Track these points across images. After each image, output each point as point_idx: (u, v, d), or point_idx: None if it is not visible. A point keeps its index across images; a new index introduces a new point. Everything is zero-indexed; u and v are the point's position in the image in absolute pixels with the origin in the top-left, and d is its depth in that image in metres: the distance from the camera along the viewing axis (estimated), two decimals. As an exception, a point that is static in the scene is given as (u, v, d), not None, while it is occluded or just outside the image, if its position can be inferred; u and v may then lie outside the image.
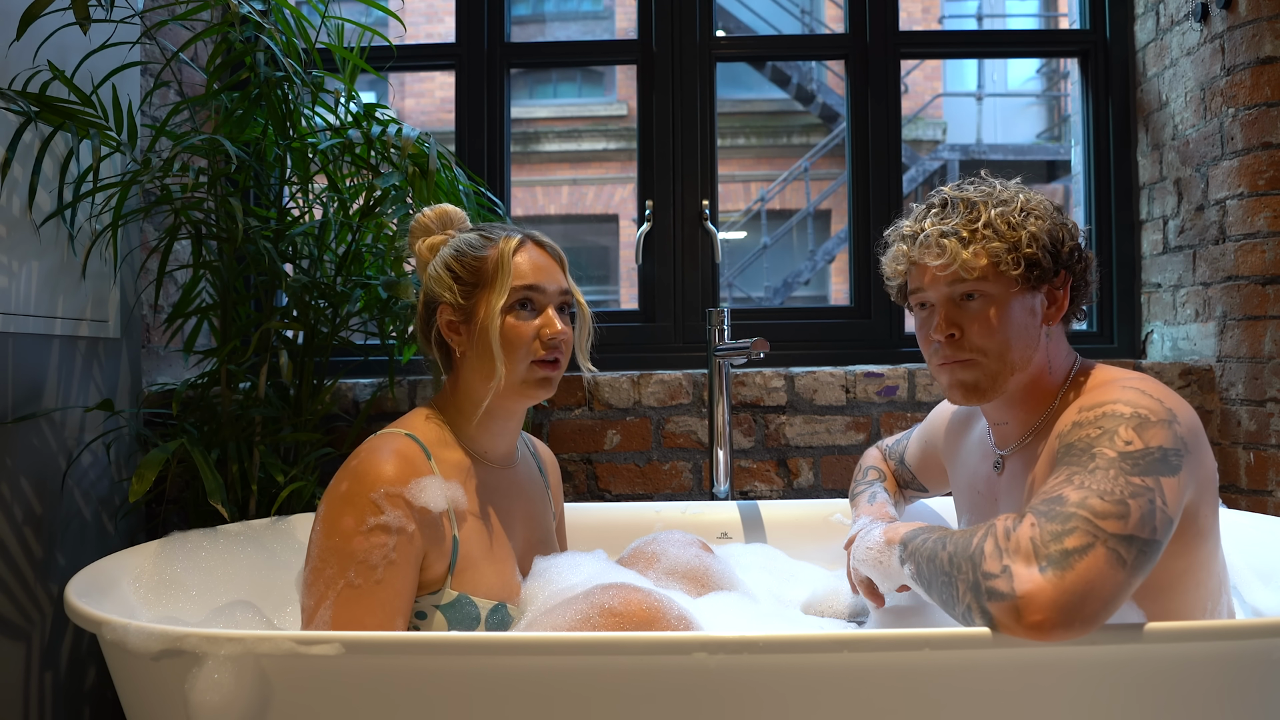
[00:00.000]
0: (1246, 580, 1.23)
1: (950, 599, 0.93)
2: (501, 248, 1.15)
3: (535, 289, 1.14)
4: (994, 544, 0.89)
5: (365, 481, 1.04)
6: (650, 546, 1.34)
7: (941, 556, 0.95)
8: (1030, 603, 0.83)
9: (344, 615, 0.99)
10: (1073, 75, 2.30)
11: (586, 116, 9.41)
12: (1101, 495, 0.89)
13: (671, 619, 0.99)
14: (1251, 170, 1.82)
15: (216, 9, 1.65)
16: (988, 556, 0.89)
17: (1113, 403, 0.99)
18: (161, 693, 0.94)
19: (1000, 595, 0.85)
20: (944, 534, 0.99)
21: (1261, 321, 1.81)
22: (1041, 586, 0.83)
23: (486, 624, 1.08)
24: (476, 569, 1.10)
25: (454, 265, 1.15)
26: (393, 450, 1.08)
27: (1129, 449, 0.93)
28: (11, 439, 1.44)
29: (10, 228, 1.44)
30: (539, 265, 1.16)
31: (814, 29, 9.44)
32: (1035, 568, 0.85)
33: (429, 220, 1.23)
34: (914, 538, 1.04)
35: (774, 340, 2.01)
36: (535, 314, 1.15)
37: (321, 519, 1.05)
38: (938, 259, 1.08)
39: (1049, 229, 1.09)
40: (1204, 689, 0.90)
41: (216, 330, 1.66)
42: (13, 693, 1.44)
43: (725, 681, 0.87)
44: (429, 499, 1.06)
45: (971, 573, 0.89)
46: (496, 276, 1.13)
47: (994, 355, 1.08)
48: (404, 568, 1.03)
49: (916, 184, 8.34)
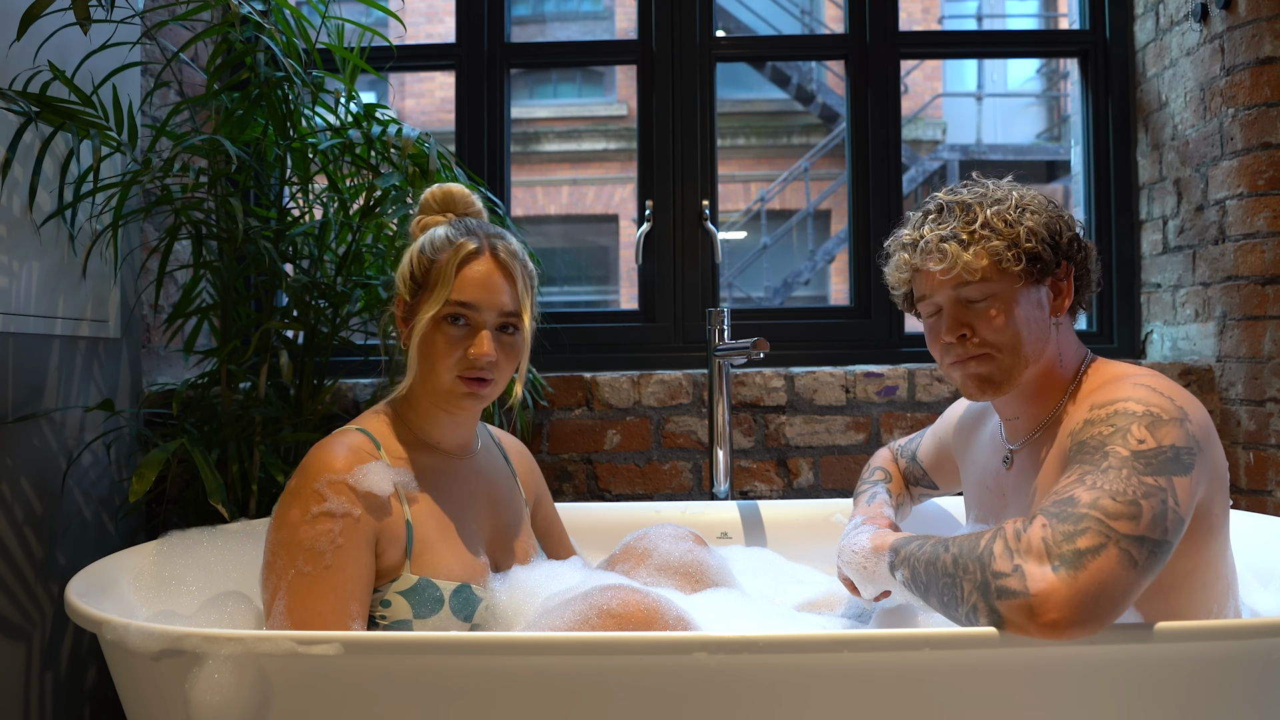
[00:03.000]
0: (1245, 581, 1.23)
1: (953, 601, 0.92)
2: (452, 255, 1.11)
3: (469, 306, 1.11)
4: (1004, 545, 0.89)
5: (310, 474, 1.06)
6: (641, 542, 1.33)
7: (944, 559, 0.95)
8: (1043, 601, 0.83)
9: (297, 604, 1.00)
10: (1072, 75, 2.30)
11: (586, 116, 9.41)
12: (1114, 495, 0.89)
13: (670, 620, 0.99)
14: (1251, 170, 1.82)
15: (216, 9, 1.65)
16: (997, 557, 0.89)
17: (1125, 400, 0.99)
18: (162, 692, 0.94)
19: (1012, 593, 0.85)
20: (941, 539, 0.99)
21: (1261, 321, 1.81)
22: (1055, 585, 0.83)
23: (450, 605, 1.08)
24: (435, 552, 1.10)
25: (413, 260, 1.15)
26: (340, 444, 1.09)
27: (1141, 447, 0.93)
28: (12, 439, 1.44)
29: (10, 228, 1.44)
30: (483, 282, 1.12)
31: (814, 29, 9.44)
32: (1048, 566, 0.85)
33: (432, 199, 1.21)
34: (906, 544, 1.04)
35: (774, 340, 2.01)
36: (469, 330, 1.12)
37: (273, 516, 1.07)
38: (940, 263, 1.09)
39: (1046, 222, 1.10)
40: (1204, 688, 0.90)
41: (216, 330, 1.66)
42: (13, 693, 1.45)
43: (725, 681, 0.87)
44: (373, 483, 1.07)
45: (980, 573, 0.89)
46: (438, 284, 1.11)
47: (1008, 349, 1.09)
48: (353, 551, 1.03)
49: (916, 184, 8.34)
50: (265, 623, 1.03)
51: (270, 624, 1.02)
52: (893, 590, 1.09)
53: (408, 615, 1.06)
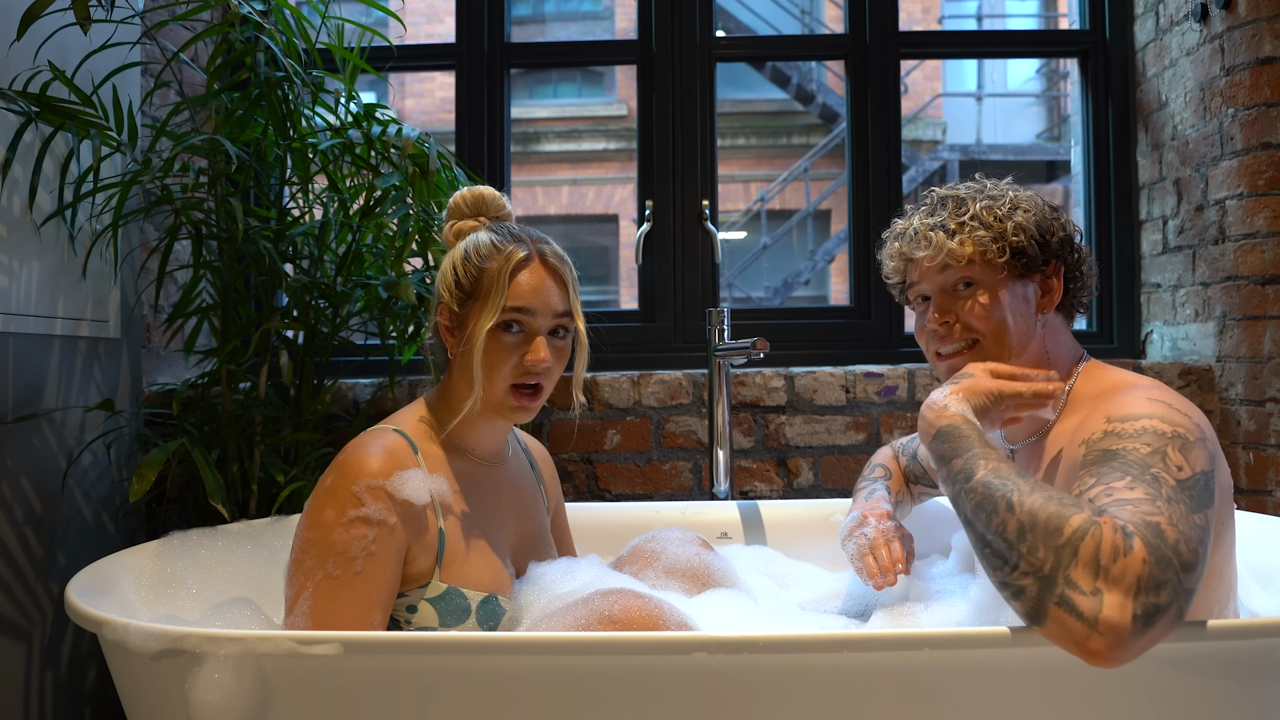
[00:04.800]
0: (1244, 581, 1.23)
1: (1000, 563, 0.87)
2: (502, 262, 1.11)
3: (526, 311, 1.11)
4: (1094, 553, 0.81)
5: (348, 475, 1.05)
6: (649, 545, 1.34)
7: (1006, 520, 0.87)
8: (1105, 638, 0.79)
9: (322, 607, 1.00)
10: (1072, 75, 2.30)
11: (586, 116, 9.41)
12: (1185, 541, 0.84)
13: (672, 625, 0.99)
14: (1251, 170, 1.82)
15: (217, 9, 1.65)
16: (1081, 563, 0.82)
17: (1148, 417, 0.96)
18: (162, 692, 0.94)
19: (1077, 612, 0.81)
20: (1004, 477, 0.91)
21: (1261, 321, 1.82)
22: (1124, 629, 0.79)
23: (477, 615, 1.08)
24: (465, 561, 1.10)
25: (458, 268, 1.13)
26: (379, 445, 1.08)
27: (1181, 475, 0.90)
28: (12, 439, 1.45)
29: (10, 228, 1.44)
30: (537, 287, 1.12)
31: (814, 29, 9.44)
32: (1129, 609, 0.80)
33: (462, 202, 1.20)
34: (971, 454, 0.95)
35: (774, 340, 2.01)
36: (524, 336, 1.12)
37: (305, 512, 1.06)
38: (925, 250, 1.13)
39: (1036, 220, 1.12)
40: (1205, 688, 0.90)
41: (217, 330, 1.66)
42: (13, 693, 1.45)
43: (725, 681, 0.87)
44: (411, 492, 1.06)
45: (1050, 566, 0.83)
46: (491, 293, 1.10)
47: (991, 337, 1.12)
48: (384, 560, 1.03)
49: (916, 184, 8.34)
50: (285, 619, 1.03)
51: (290, 621, 1.01)
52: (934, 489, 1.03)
53: (434, 623, 1.06)
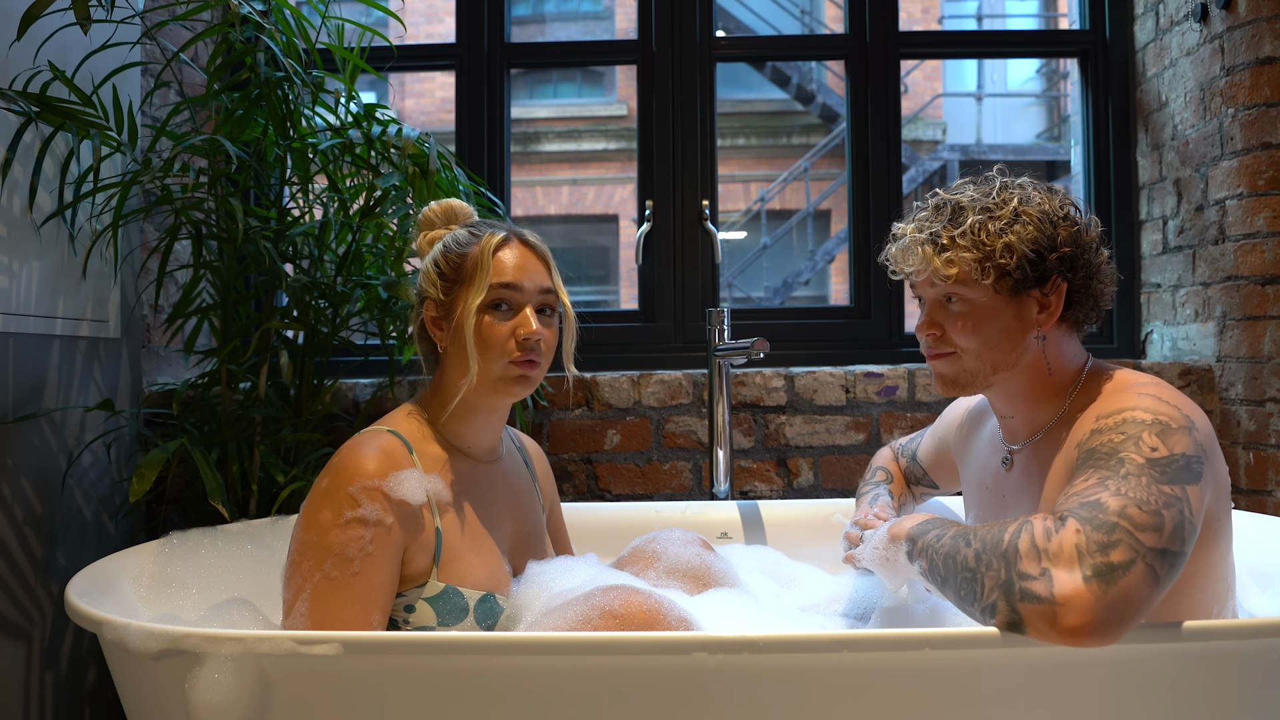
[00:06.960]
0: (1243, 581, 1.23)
1: (971, 595, 0.92)
2: (483, 245, 1.14)
3: (513, 287, 1.14)
4: (1030, 542, 0.88)
5: (344, 476, 1.05)
6: (650, 545, 1.34)
7: (965, 554, 0.94)
8: (1070, 610, 0.82)
9: (320, 608, 1.00)
10: (1072, 75, 2.30)
11: (586, 116, 9.41)
12: (1140, 505, 0.88)
13: (672, 621, 0.99)
14: (1251, 170, 1.82)
15: (217, 9, 1.65)
16: (1024, 556, 0.87)
17: (1131, 409, 0.99)
18: (162, 692, 0.94)
19: (1036, 598, 0.84)
20: (961, 530, 0.98)
21: (1261, 321, 1.82)
22: (1083, 595, 0.82)
23: (475, 614, 1.08)
24: (462, 560, 1.10)
25: (440, 261, 1.17)
26: (374, 446, 1.09)
27: (1155, 455, 0.93)
28: (12, 439, 1.45)
29: (11, 228, 1.44)
30: (519, 264, 1.15)
31: (814, 29, 9.44)
32: (1078, 575, 0.84)
33: (433, 214, 1.24)
34: (924, 533, 1.04)
35: (774, 340, 2.01)
36: (512, 313, 1.14)
37: (302, 514, 1.06)
38: (914, 265, 1.13)
39: (1034, 237, 1.07)
40: (1204, 689, 0.90)
41: (217, 330, 1.66)
42: (13, 693, 1.45)
43: (725, 681, 0.87)
44: (407, 492, 1.07)
45: (1004, 571, 0.88)
46: (475, 273, 1.13)
47: (972, 354, 1.12)
48: (381, 561, 1.03)
49: (916, 184, 8.35)
50: (283, 621, 1.03)
51: (289, 623, 1.01)
52: (913, 578, 1.08)
53: (432, 622, 1.06)
